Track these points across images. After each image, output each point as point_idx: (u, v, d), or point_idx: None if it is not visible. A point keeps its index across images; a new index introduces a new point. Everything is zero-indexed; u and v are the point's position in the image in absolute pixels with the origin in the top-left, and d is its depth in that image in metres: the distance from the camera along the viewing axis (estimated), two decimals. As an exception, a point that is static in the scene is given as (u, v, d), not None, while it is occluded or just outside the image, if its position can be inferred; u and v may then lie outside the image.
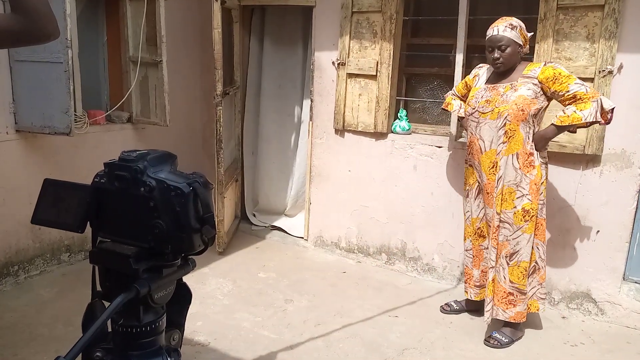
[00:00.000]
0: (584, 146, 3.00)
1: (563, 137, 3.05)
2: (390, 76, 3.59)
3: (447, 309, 3.17)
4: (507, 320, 2.80)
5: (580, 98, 2.57)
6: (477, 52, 3.53)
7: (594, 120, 2.56)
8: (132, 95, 3.86)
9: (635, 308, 3.02)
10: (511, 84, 2.71)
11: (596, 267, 3.10)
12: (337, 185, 3.99)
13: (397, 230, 3.75)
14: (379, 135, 3.73)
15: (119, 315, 0.92)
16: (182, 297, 1.00)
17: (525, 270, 2.75)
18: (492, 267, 2.80)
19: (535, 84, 2.66)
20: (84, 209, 0.91)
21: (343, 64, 3.75)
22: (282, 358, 2.64)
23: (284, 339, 2.82)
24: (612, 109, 2.57)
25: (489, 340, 2.82)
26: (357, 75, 3.72)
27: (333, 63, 3.81)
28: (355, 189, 3.91)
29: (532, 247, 2.76)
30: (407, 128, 3.68)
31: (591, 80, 2.93)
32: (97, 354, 0.91)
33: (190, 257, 0.95)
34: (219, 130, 3.75)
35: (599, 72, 2.90)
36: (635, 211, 2.98)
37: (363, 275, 3.70)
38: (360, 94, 3.73)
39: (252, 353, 2.66)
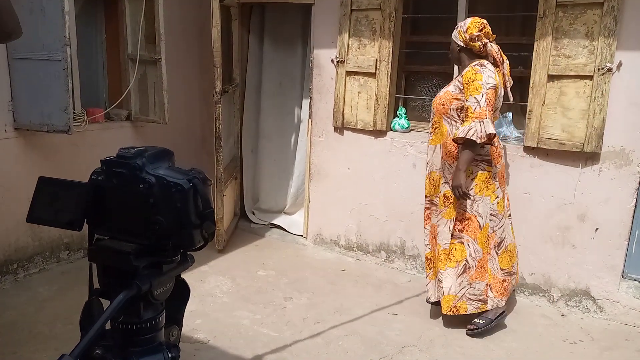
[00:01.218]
0: (583, 144, 3.00)
1: (562, 135, 3.06)
2: (389, 74, 3.58)
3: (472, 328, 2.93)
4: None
5: (469, 113, 2.67)
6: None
7: (467, 137, 2.63)
8: (131, 93, 3.85)
9: (634, 305, 3.03)
10: (451, 81, 2.91)
11: (595, 264, 3.10)
12: (336, 183, 3.99)
13: (397, 228, 3.75)
14: (378, 133, 3.73)
15: (119, 312, 0.92)
16: (181, 293, 1.00)
17: (439, 254, 2.89)
18: (432, 247, 3.00)
19: (460, 82, 2.78)
20: (82, 207, 0.90)
21: (342, 62, 3.74)
22: (281, 356, 2.64)
23: (284, 336, 2.82)
24: (489, 134, 2.63)
25: (469, 329, 2.88)
26: (357, 73, 3.72)
27: (332, 61, 3.81)
28: (354, 187, 3.91)
29: (463, 243, 2.83)
30: (407, 126, 3.68)
31: (590, 78, 2.93)
32: (97, 351, 0.91)
33: (188, 253, 0.95)
34: (218, 128, 3.74)
35: (598, 69, 2.90)
36: (634, 209, 2.99)
37: (362, 273, 3.70)
38: (359, 92, 3.73)
39: (252, 351, 2.67)
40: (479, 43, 2.77)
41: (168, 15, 3.68)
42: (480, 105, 2.64)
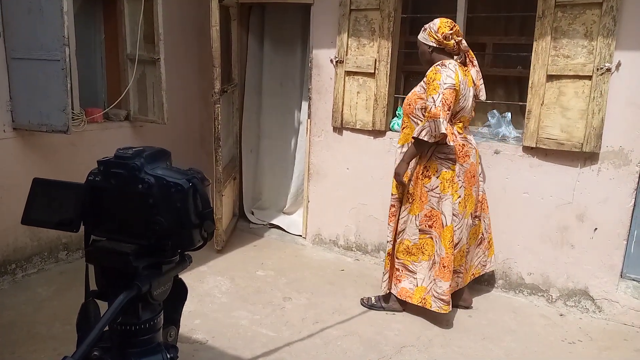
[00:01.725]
0: (582, 144, 3.00)
1: (561, 135, 3.06)
2: (388, 74, 3.58)
3: None
4: (395, 295, 3.04)
5: (426, 113, 2.72)
6: (476, 50, 3.54)
7: (419, 137, 2.70)
8: (130, 93, 3.85)
9: (632, 305, 3.03)
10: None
11: (594, 264, 3.11)
12: (335, 183, 3.99)
13: (396, 228, 3.75)
14: (377, 133, 3.73)
15: (118, 313, 0.92)
16: (178, 293, 1.00)
17: (409, 249, 2.96)
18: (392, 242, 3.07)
19: (425, 81, 2.81)
20: (78, 208, 0.90)
21: (341, 62, 3.74)
22: (280, 356, 2.64)
23: (282, 336, 2.82)
24: (442, 133, 2.66)
25: (363, 300, 3.17)
26: (356, 73, 3.72)
27: (331, 61, 3.81)
28: (353, 187, 3.91)
29: (432, 239, 2.87)
30: (405, 126, 3.68)
31: (589, 78, 2.93)
32: (95, 353, 0.91)
33: (186, 253, 0.95)
34: (217, 128, 3.74)
35: (597, 69, 2.90)
36: (633, 209, 2.99)
37: (361, 273, 3.70)
38: (358, 92, 3.73)
39: (251, 351, 2.67)
40: (452, 41, 2.81)
41: (167, 15, 3.68)
42: (435, 105, 2.67)
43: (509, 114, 3.43)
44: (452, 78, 2.71)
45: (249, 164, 4.67)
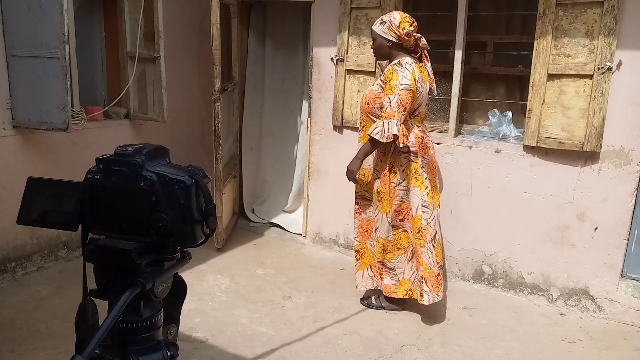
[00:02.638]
0: (583, 143, 3.00)
1: (562, 134, 3.05)
2: (389, 73, 3.57)
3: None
4: (381, 290, 3.05)
5: (382, 112, 2.73)
6: (476, 49, 3.54)
7: (371, 135, 2.71)
8: (130, 91, 3.84)
9: (633, 305, 3.03)
10: (379, 77, 2.91)
11: (594, 264, 3.10)
12: (335, 181, 3.98)
13: (396, 227, 3.75)
14: (377, 132, 3.72)
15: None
16: (178, 291, 1.00)
17: (385, 246, 2.97)
18: (362, 240, 3.09)
19: (383, 80, 2.79)
20: (76, 207, 0.90)
21: (342, 60, 3.74)
22: (280, 354, 2.64)
23: (282, 335, 2.81)
24: (394, 134, 2.67)
25: (363, 300, 3.16)
26: (356, 72, 3.71)
27: (332, 59, 3.80)
28: (353, 186, 3.89)
29: (407, 231, 2.90)
30: (406, 125, 3.67)
31: (590, 77, 2.93)
32: (95, 350, 0.90)
33: (186, 249, 0.95)
34: (218, 126, 3.74)
35: (598, 68, 2.89)
36: (634, 208, 2.99)
37: (361, 272, 3.70)
38: (359, 90, 3.72)
39: (250, 349, 2.66)
40: (412, 39, 2.81)
41: (167, 13, 3.67)
42: (390, 106, 2.68)
43: (510, 113, 3.42)
44: (408, 79, 2.70)
45: (249, 162, 4.67)
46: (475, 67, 3.60)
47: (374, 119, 2.87)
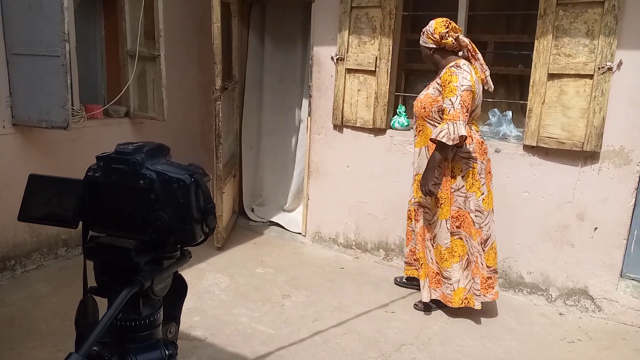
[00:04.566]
0: (583, 143, 2.99)
1: (562, 134, 3.05)
2: (389, 72, 3.58)
3: (398, 282, 3.48)
4: (437, 299, 3.03)
5: (444, 115, 2.72)
6: (477, 48, 3.52)
7: (438, 139, 2.68)
8: (130, 90, 3.84)
9: (632, 305, 3.03)
10: (431, 83, 2.91)
11: (594, 263, 3.10)
12: (335, 181, 3.98)
13: (395, 226, 3.75)
14: (377, 131, 3.72)
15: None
16: (178, 290, 1.00)
17: (442, 254, 2.93)
18: (421, 249, 3.04)
19: (439, 84, 2.80)
20: (77, 204, 0.90)
21: (342, 59, 3.73)
22: (279, 353, 2.64)
23: (282, 334, 2.81)
24: (461, 136, 2.65)
25: (417, 304, 3.13)
26: (356, 71, 3.71)
27: (332, 58, 3.80)
28: (353, 185, 3.90)
29: (462, 239, 2.88)
30: (406, 124, 3.68)
31: (590, 77, 2.93)
32: (94, 348, 0.90)
33: (186, 248, 0.95)
34: (218, 125, 3.74)
35: (599, 68, 2.89)
36: (633, 208, 2.99)
37: (361, 271, 3.70)
38: (359, 90, 3.72)
39: (250, 348, 2.66)
40: (450, 39, 2.81)
41: (167, 11, 3.67)
42: (454, 108, 2.67)
43: (510, 113, 3.42)
44: (468, 80, 2.71)
45: (249, 161, 4.67)
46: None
47: (433, 122, 2.85)
